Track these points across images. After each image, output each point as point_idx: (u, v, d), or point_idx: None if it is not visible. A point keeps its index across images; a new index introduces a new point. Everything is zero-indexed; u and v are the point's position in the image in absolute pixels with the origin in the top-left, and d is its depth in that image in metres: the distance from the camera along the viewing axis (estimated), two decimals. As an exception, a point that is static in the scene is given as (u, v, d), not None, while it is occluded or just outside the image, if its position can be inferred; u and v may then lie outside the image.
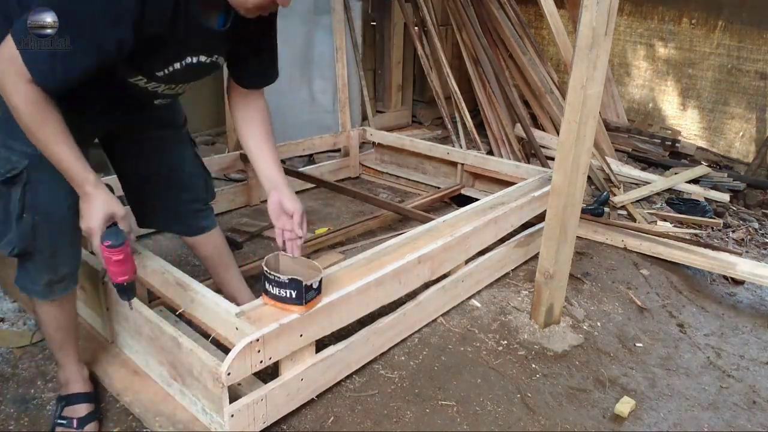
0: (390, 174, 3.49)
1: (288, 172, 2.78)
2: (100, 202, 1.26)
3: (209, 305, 1.52)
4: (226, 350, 1.41)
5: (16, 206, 1.32)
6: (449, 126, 4.07)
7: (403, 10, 4.19)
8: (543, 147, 3.86)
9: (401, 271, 1.82)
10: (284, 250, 1.57)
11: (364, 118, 4.10)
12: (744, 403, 1.82)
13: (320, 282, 1.52)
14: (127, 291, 1.36)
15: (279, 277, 1.46)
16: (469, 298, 2.24)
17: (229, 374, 1.34)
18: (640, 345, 2.08)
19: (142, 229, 2.54)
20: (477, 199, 2.52)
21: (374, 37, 4.49)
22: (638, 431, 1.66)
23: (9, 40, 1.13)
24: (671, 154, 4.32)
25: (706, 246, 2.63)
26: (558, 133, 2.03)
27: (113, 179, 1.72)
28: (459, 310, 2.16)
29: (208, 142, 4.36)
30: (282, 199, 1.53)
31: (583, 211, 2.59)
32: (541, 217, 2.33)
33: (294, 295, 1.46)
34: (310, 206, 3.08)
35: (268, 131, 1.58)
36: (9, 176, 1.31)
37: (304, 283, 1.45)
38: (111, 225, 1.29)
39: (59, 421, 1.49)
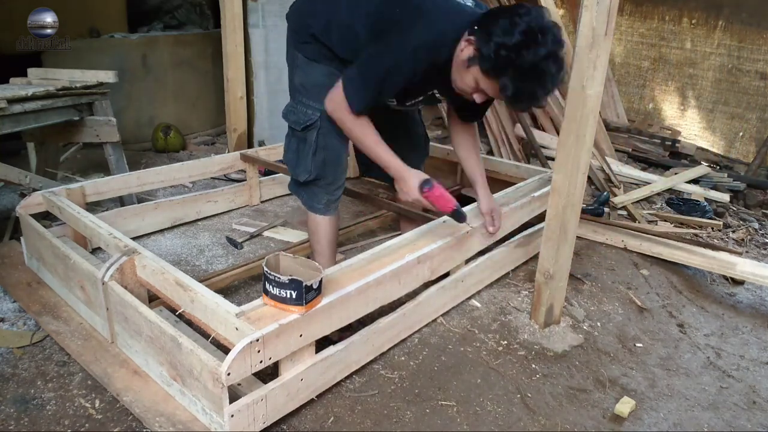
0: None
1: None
2: (413, 177, 1.81)
3: (209, 305, 1.52)
4: (226, 350, 1.41)
5: (312, 145, 1.91)
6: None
7: (403, 10, 4.18)
8: (543, 147, 3.86)
9: (401, 271, 1.82)
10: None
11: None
12: (744, 403, 1.82)
13: (320, 282, 1.52)
14: (459, 215, 1.91)
15: (279, 278, 1.46)
16: (469, 298, 2.24)
17: (229, 374, 1.34)
18: (640, 345, 2.08)
19: (142, 230, 2.56)
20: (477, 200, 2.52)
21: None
22: (638, 431, 1.66)
23: (339, 89, 1.75)
24: (671, 154, 4.32)
25: (706, 246, 2.62)
26: (558, 133, 2.03)
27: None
28: (459, 310, 2.16)
29: (208, 142, 4.37)
30: (478, 200, 2.14)
31: (583, 211, 2.59)
32: (541, 217, 2.33)
33: (294, 296, 1.46)
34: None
35: (476, 149, 2.18)
36: (308, 124, 1.90)
37: (304, 284, 1.45)
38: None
39: None
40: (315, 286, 1.50)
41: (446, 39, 1.65)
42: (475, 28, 1.59)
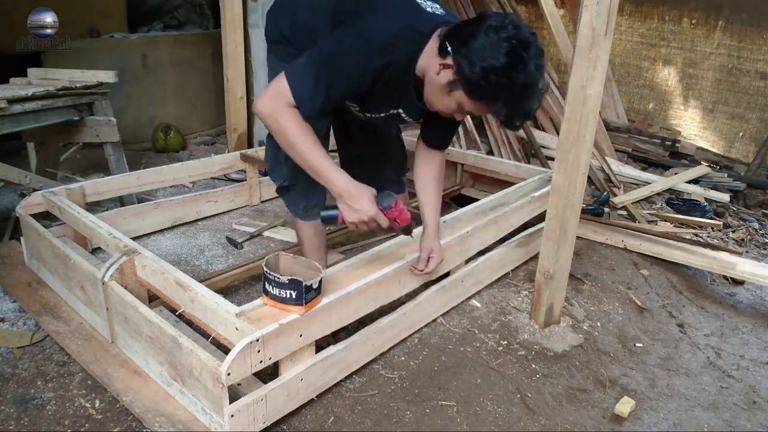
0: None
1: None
2: (363, 192, 1.57)
3: (209, 305, 1.52)
4: (226, 350, 1.41)
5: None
6: (449, 126, 4.07)
7: (403, 10, 4.18)
8: (543, 147, 3.86)
9: (401, 271, 1.82)
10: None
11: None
12: (744, 403, 1.82)
13: (320, 282, 1.52)
14: (411, 229, 1.67)
15: (279, 278, 1.46)
16: (469, 298, 2.24)
17: (229, 374, 1.34)
18: (640, 345, 2.08)
19: (142, 230, 2.56)
20: (477, 200, 2.52)
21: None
22: (638, 431, 1.66)
23: (281, 78, 1.51)
24: (671, 154, 4.32)
25: (706, 246, 2.62)
26: (558, 133, 2.03)
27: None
28: (459, 310, 2.16)
29: (208, 142, 4.36)
30: (423, 238, 1.87)
31: (583, 211, 2.59)
32: (541, 217, 2.33)
33: (294, 296, 1.46)
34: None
35: (439, 180, 1.94)
36: None
37: (303, 284, 1.45)
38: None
39: None
40: (315, 286, 1.49)
41: (402, 42, 1.52)
42: (447, 47, 1.47)
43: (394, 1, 1.60)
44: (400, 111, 1.72)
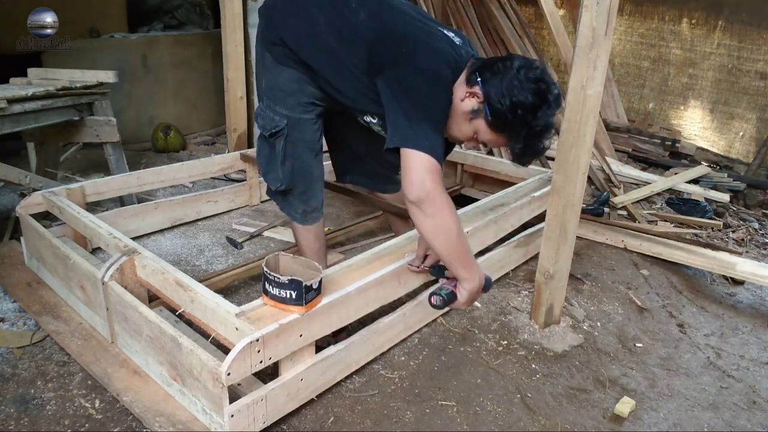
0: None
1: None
2: (482, 274, 1.60)
3: (209, 305, 1.52)
4: (226, 350, 1.41)
5: (281, 154, 1.81)
6: (449, 126, 4.07)
7: (403, 10, 4.18)
8: (543, 147, 3.85)
9: (401, 271, 1.82)
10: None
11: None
12: (744, 403, 1.82)
13: (320, 282, 1.52)
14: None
15: (279, 278, 1.46)
16: (469, 298, 2.23)
17: (229, 374, 1.34)
18: (640, 345, 2.08)
19: (142, 230, 2.56)
20: (477, 200, 2.52)
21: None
22: (638, 431, 1.66)
23: (411, 154, 1.48)
24: (671, 154, 4.32)
25: (706, 246, 2.62)
26: (558, 133, 2.03)
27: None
28: (459, 310, 2.16)
29: (208, 142, 4.36)
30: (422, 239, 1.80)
31: (583, 211, 2.59)
32: (541, 217, 2.33)
33: (294, 296, 1.46)
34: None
35: None
36: (274, 131, 1.79)
37: (303, 284, 1.45)
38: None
39: None
40: (315, 286, 1.49)
41: (451, 72, 1.58)
42: (477, 77, 1.52)
43: (436, 37, 1.62)
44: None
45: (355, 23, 1.64)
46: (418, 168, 1.45)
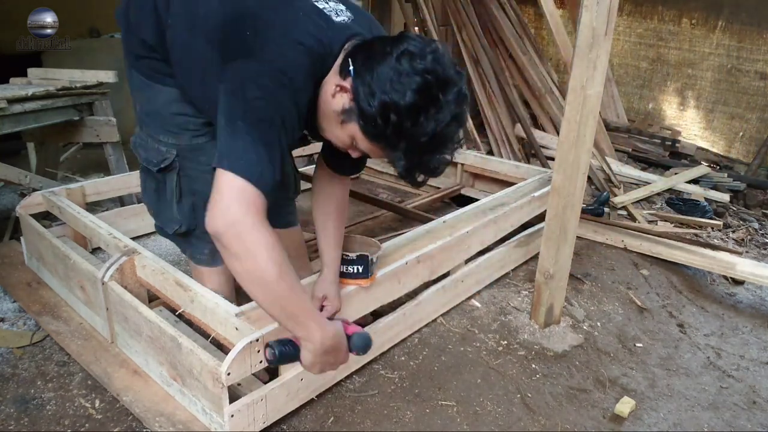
0: (390, 174, 3.49)
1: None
2: (341, 342, 1.26)
3: (209, 305, 1.52)
4: (226, 350, 1.41)
5: (175, 192, 1.50)
6: (449, 126, 4.06)
7: (403, 11, 4.19)
8: (543, 147, 3.86)
9: (401, 271, 1.82)
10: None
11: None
12: (744, 403, 1.82)
13: (378, 257, 1.69)
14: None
15: (348, 255, 1.60)
16: (469, 298, 2.24)
17: (228, 374, 1.34)
18: (640, 345, 2.08)
19: (142, 230, 2.56)
20: (477, 199, 2.52)
21: (374, 37, 4.49)
22: (638, 431, 1.66)
23: (223, 176, 1.10)
24: (671, 154, 4.32)
25: (706, 246, 2.63)
26: (558, 133, 2.03)
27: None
28: (459, 310, 2.16)
29: (208, 142, 4.36)
30: (318, 281, 1.58)
31: (583, 211, 2.59)
32: (541, 217, 2.33)
33: (361, 270, 1.62)
34: (310, 206, 3.07)
35: (341, 214, 1.60)
36: (163, 166, 1.48)
37: (369, 257, 1.60)
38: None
39: None
40: (375, 260, 1.66)
41: (316, 62, 1.21)
42: (349, 65, 1.16)
43: (297, 16, 1.22)
44: (305, 131, 1.39)
45: (205, 12, 1.31)
46: (228, 193, 1.09)
